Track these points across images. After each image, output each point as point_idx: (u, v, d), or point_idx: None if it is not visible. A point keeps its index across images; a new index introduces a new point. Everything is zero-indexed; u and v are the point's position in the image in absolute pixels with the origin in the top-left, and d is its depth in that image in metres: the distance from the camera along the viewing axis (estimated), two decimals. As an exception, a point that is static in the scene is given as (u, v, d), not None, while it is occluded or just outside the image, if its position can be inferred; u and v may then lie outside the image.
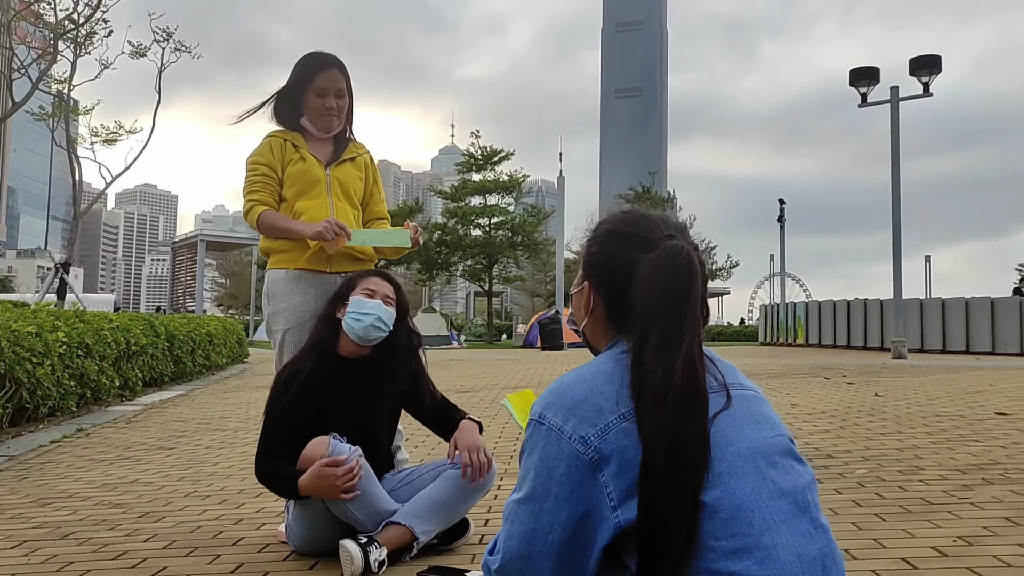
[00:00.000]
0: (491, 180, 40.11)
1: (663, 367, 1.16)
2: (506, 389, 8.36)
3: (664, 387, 1.15)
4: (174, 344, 9.79)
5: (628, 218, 1.36)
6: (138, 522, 3.05)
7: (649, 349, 1.18)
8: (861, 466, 3.71)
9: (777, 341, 27.92)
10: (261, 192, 2.84)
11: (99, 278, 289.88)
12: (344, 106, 2.90)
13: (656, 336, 1.19)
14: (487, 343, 36.66)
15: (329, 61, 2.86)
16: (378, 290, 2.62)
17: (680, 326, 1.20)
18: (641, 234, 1.31)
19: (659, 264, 1.24)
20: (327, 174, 2.87)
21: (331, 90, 2.85)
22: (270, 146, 2.89)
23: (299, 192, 2.84)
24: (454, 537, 2.54)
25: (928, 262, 39.01)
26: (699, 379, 1.17)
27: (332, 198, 2.86)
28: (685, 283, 1.23)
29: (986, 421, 5.10)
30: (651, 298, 1.22)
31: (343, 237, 2.69)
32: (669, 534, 1.09)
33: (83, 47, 18.03)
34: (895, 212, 16.63)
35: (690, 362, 1.17)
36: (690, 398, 1.15)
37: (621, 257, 1.30)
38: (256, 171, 2.86)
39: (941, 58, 16.52)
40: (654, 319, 1.20)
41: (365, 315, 2.56)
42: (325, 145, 2.94)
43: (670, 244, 1.27)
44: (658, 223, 1.33)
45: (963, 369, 10.96)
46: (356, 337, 2.57)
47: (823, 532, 1.18)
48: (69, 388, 6.23)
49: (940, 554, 2.34)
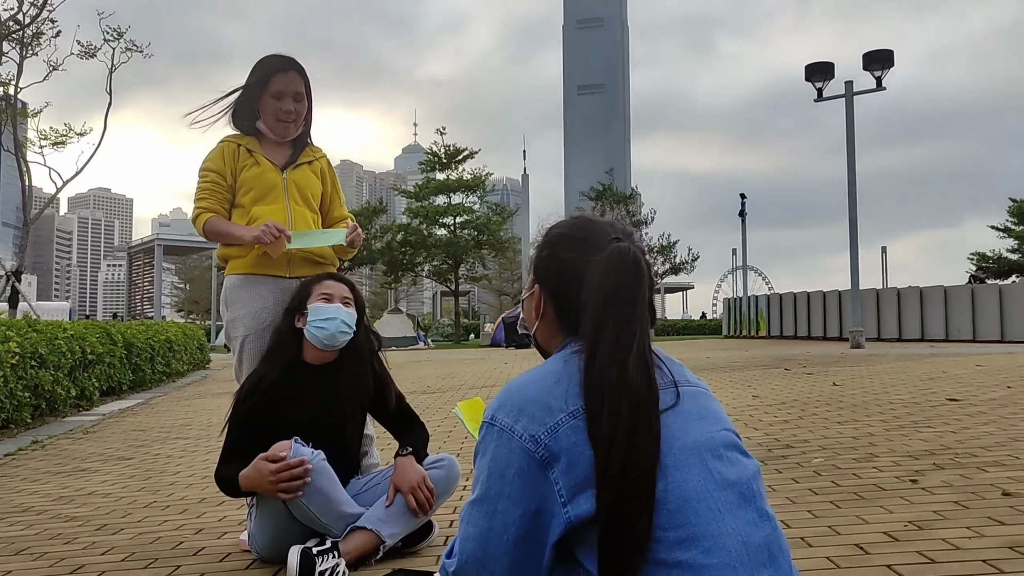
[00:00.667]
0: (455, 179, 40.03)
1: (617, 366, 1.19)
2: (473, 389, 8.36)
3: (619, 385, 1.18)
4: (132, 352, 9.63)
5: (577, 223, 1.39)
6: (95, 535, 3.00)
7: (602, 349, 1.21)
8: (818, 455, 3.78)
9: (740, 334, 28.30)
10: (209, 199, 2.81)
11: (53, 285, 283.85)
12: (302, 111, 2.86)
13: (608, 336, 1.22)
14: (455, 343, 36.60)
15: (287, 63, 2.82)
16: (335, 293, 2.61)
17: (630, 325, 1.23)
18: (590, 238, 1.34)
19: (608, 266, 1.27)
20: (283, 178, 2.84)
21: (288, 93, 2.81)
22: (222, 152, 2.85)
23: (256, 198, 2.80)
24: (418, 539, 2.54)
25: (884, 253, 39.81)
26: (651, 376, 1.21)
27: (290, 202, 2.83)
28: (633, 284, 1.26)
29: (938, 407, 5.23)
30: (601, 299, 1.25)
31: (283, 240, 2.66)
32: (628, 526, 1.12)
33: (29, 48, 17.63)
34: (851, 204, 16.94)
35: (642, 360, 1.21)
36: (643, 395, 1.18)
37: (570, 261, 1.33)
38: (206, 178, 2.83)
39: (893, 53, 16.87)
40: (605, 319, 1.23)
41: (328, 320, 2.54)
42: (281, 148, 2.90)
43: (618, 246, 1.29)
44: (606, 227, 1.36)
45: (918, 357, 11.21)
46: (322, 344, 2.55)
47: (768, 520, 1.21)
48: (23, 399, 6.10)
49: (892, 539, 2.40)
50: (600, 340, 1.22)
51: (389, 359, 2.81)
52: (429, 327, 42.32)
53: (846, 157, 17.00)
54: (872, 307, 20.79)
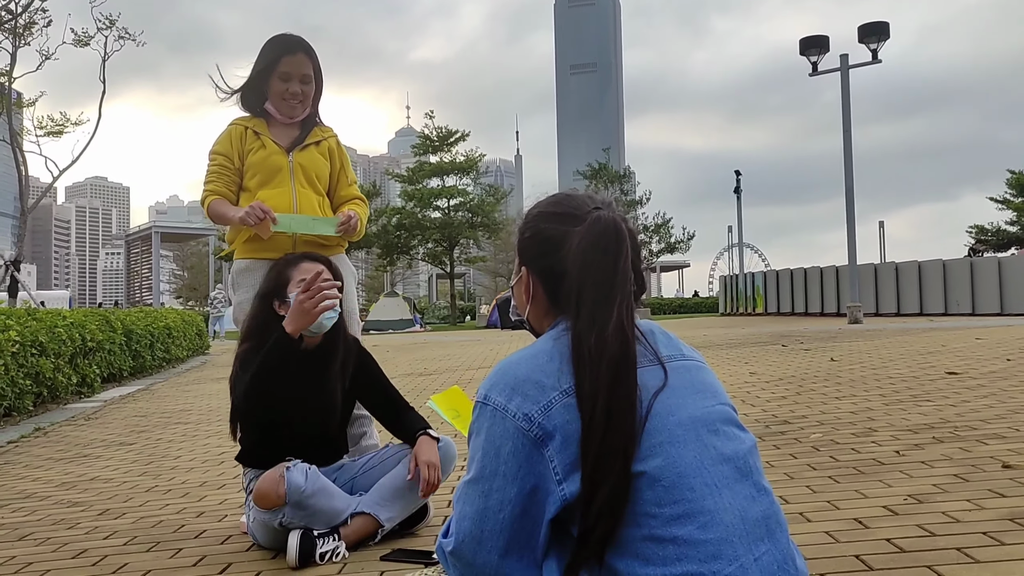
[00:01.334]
0: (448, 161, 39.90)
1: (596, 333, 1.19)
2: (469, 370, 8.37)
3: (598, 352, 1.18)
4: (132, 339, 9.63)
5: (555, 199, 1.39)
6: (98, 519, 3.01)
7: (583, 316, 1.21)
8: (816, 430, 3.79)
9: (737, 311, 28.31)
10: (216, 183, 2.82)
11: (52, 274, 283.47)
12: (309, 92, 2.85)
13: (588, 303, 1.22)
14: (451, 325, 36.63)
15: (295, 45, 2.81)
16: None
17: (610, 292, 1.23)
18: (569, 211, 1.33)
19: (587, 234, 1.27)
20: (289, 160, 2.83)
21: (295, 75, 2.80)
22: (230, 136, 2.86)
23: (262, 181, 2.80)
24: (415, 521, 2.54)
25: (882, 227, 39.79)
26: (628, 344, 1.20)
27: (295, 185, 2.82)
28: (613, 250, 1.26)
29: (937, 381, 5.24)
30: (580, 267, 1.25)
31: (267, 222, 2.63)
32: (604, 498, 1.12)
33: (22, 37, 17.49)
34: (847, 179, 16.91)
35: (619, 328, 1.20)
36: (621, 363, 1.18)
37: (552, 235, 1.32)
38: (214, 161, 2.84)
39: (889, 25, 16.77)
40: (585, 287, 1.23)
41: None
42: (289, 130, 2.89)
43: (596, 214, 1.29)
44: (585, 199, 1.35)
45: (916, 331, 11.23)
46: (309, 333, 2.48)
47: (766, 495, 1.21)
48: (24, 387, 6.11)
49: (891, 513, 2.41)
50: (581, 309, 1.22)
51: (386, 343, 2.78)
52: (425, 310, 42.33)
53: (842, 132, 16.95)
54: (870, 282, 20.80)
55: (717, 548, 1.12)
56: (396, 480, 2.47)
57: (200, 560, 2.42)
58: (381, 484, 2.47)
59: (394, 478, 2.47)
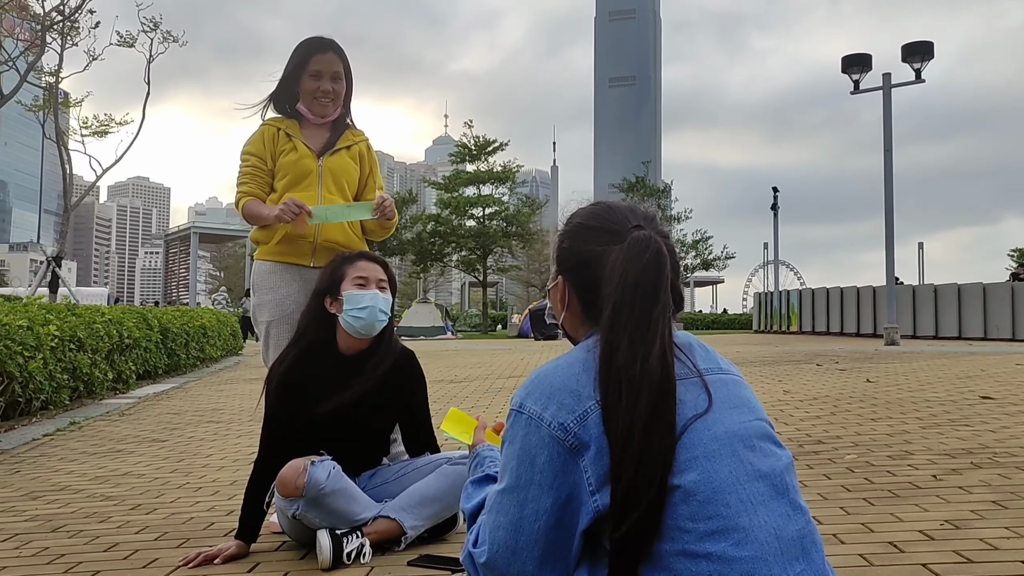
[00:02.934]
0: (485, 170, 40.04)
1: (639, 359, 1.17)
2: (500, 379, 8.37)
3: (640, 378, 1.16)
4: (168, 337, 9.77)
5: (596, 211, 1.37)
6: (130, 514, 3.05)
7: (621, 342, 1.19)
8: (851, 451, 3.73)
9: (771, 328, 27.99)
10: (249, 184, 2.84)
11: (92, 271, 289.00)
12: (340, 90, 2.87)
13: (628, 328, 1.20)
14: (482, 333, 36.67)
15: (325, 44, 2.84)
16: (370, 276, 2.52)
17: (649, 317, 1.20)
18: (609, 227, 1.31)
19: (627, 255, 1.24)
20: (319, 164, 2.85)
21: (326, 73, 2.83)
22: (262, 136, 2.88)
23: (290, 183, 2.82)
24: (444, 529, 2.52)
25: (921, 249, 39.14)
26: (669, 369, 1.19)
27: (323, 190, 2.83)
28: (653, 273, 1.23)
29: (976, 406, 5.13)
30: (619, 289, 1.22)
31: (304, 216, 2.64)
32: (639, 518, 1.11)
33: (70, 38, 17.91)
34: (887, 198, 16.66)
35: (662, 352, 1.19)
36: (662, 388, 1.16)
37: (591, 251, 1.31)
38: (247, 162, 2.86)
39: (933, 44, 16.52)
40: (623, 310, 1.21)
41: (364, 309, 2.46)
42: (320, 132, 2.91)
43: (636, 235, 1.27)
44: (626, 214, 1.33)
45: (955, 355, 11.01)
46: (357, 334, 2.48)
47: (802, 514, 1.19)
48: (62, 381, 6.22)
49: (927, 537, 2.36)
50: (618, 333, 1.20)
51: (417, 349, 2.78)
52: (457, 317, 42.43)
53: (883, 150, 16.71)
54: (908, 304, 20.44)
55: (751, 566, 1.10)
56: (426, 488, 2.44)
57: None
58: (410, 491, 2.45)
59: (424, 485, 2.45)
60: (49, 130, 18.32)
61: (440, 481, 2.46)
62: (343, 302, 2.47)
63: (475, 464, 1.59)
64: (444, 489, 2.45)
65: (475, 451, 1.63)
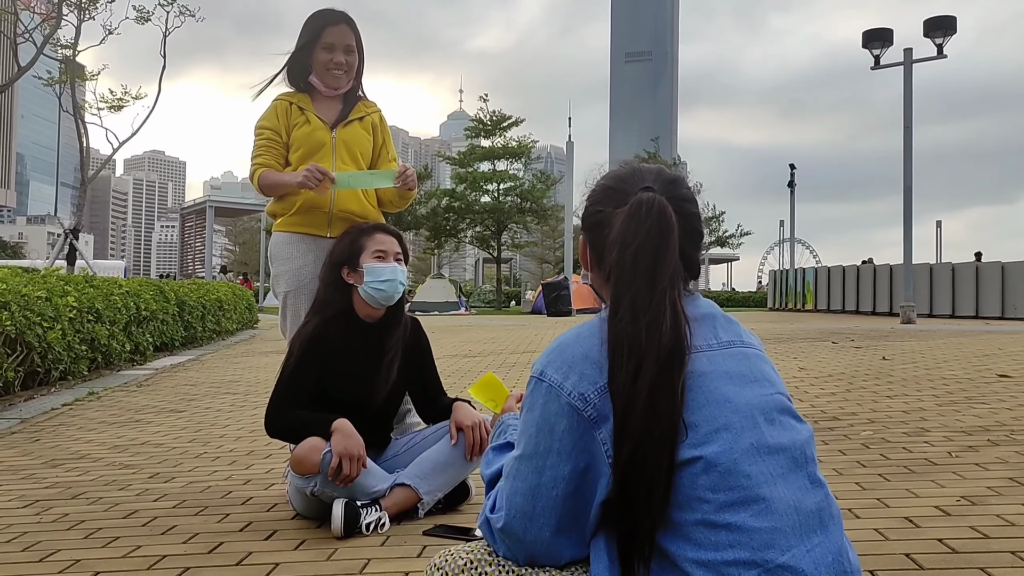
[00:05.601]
0: (500, 146, 39.86)
1: (644, 325, 1.15)
2: (513, 354, 8.38)
3: (643, 346, 1.14)
4: (184, 310, 9.84)
5: (614, 171, 1.34)
6: (148, 482, 3.09)
7: (624, 307, 1.17)
8: (866, 428, 3.71)
9: (786, 307, 27.88)
10: (265, 155, 2.85)
11: (109, 244, 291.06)
12: (353, 62, 2.88)
13: (629, 294, 1.17)
14: (496, 309, 36.73)
15: (337, 16, 2.84)
16: (388, 249, 2.57)
17: (652, 282, 1.17)
18: (620, 186, 1.28)
19: (627, 218, 1.21)
20: (332, 136, 2.85)
21: (339, 45, 2.83)
22: (275, 110, 2.89)
23: (304, 156, 2.82)
24: (457, 500, 2.56)
25: (939, 227, 38.78)
26: (681, 338, 1.16)
27: (337, 161, 2.84)
28: (655, 236, 1.19)
29: (993, 384, 5.09)
30: (618, 252, 1.20)
31: (327, 182, 2.66)
32: (646, 492, 1.10)
33: (87, 12, 17.88)
34: (906, 176, 16.47)
35: (675, 321, 1.16)
36: (670, 359, 1.14)
37: (602, 212, 1.28)
38: (261, 135, 2.88)
39: (956, 19, 16.25)
40: (623, 275, 1.18)
41: (385, 282, 2.51)
42: (332, 105, 2.91)
43: (640, 197, 1.23)
44: (641, 176, 1.29)
45: (972, 333, 10.93)
46: (377, 304, 2.54)
47: (820, 487, 1.18)
48: (80, 352, 6.28)
49: (943, 513, 2.35)
50: (621, 299, 1.18)
51: (431, 324, 2.81)
52: (470, 293, 42.48)
53: (902, 127, 16.49)
54: (925, 282, 20.26)
55: (771, 537, 1.09)
56: (437, 454, 2.49)
57: (247, 526, 2.47)
58: (422, 458, 2.50)
59: (435, 452, 2.50)
60: (66, 103, 18.36)
61: (450, 446, 2.50)
62: (363, 274, 2.52)
63: (499, 432, 1.59)
64: (455, 454, 2.50)
65: (501, 419, 1.63)
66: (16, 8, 17.48)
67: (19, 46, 17.34)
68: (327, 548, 2.22)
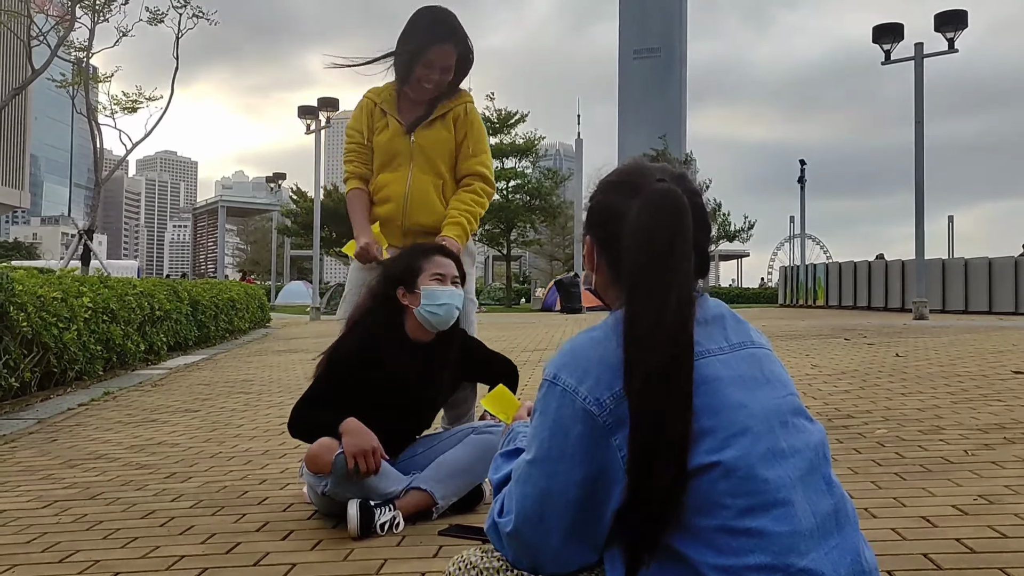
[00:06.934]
0: (507, 143, 39.80)
1: (653, 314, 1.14)
2: (525, 352, 8.38)
3: (656, 334, 1.13)
4: (197, 309, 9.89)
5: (624, 168, 1.33)
6: (165, 482, 3.11)
7: (637, 299, 1.16)
8: (881, 426, 3.70)
9: (797, 303, 27.76)
10: (355, 163, 2.99)
11: (122, 244, 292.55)
12: (446, 80, 2.91)
13: (643, 285, 1.16)
14: (505, 307, 36.71)
15: (446, 35, 2.85)
16: (447, 273, 2.54)
17: (664, 274, 1.16)
18: (633, 180, 1.27)
19: (643, 209, 1.20)
20: (410, 142, 2.91)
21: (438, 65, 2.86)
22: (361, 110, 3.00)
23: (382, 164, 2.95)
24: (471, 502, 2.56)
25: (951, 222, 38.51)
26: (688, 330, 1.15)
27: (413, 169, 2.90)
28: (670, 228, 1.19)
29: (1008, 381, 5.06)
30: (635, 245, 1.19)
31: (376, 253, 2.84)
32: (656, 495, 1.09)
33: (101, 14, 17.95)
34: (918, 171, 16.37)
35: (679, 310, 1.15)
36: (677, 351, 1.13)
37: (613, 206, 1.27)
38: (351, 139, 3.00)
39: (967, 13, 16.13)
40: (639, 267, 1.18)
41: (442, 306, 2.49)
42: (416, 107, 2.96)
43: (655, 187, 1.23)
44: (653, 170, 1.29)
45: (985, 329, 10.86)
46: (432, 328, 2.52)
47: (835, 488, 1.18)
48: (95, 352, 6.32)
49: (960, 512, 2.34)
50: (634, 290, 1.17)
51: None
52: (480, 291, 42.49)
53: (914, 122, 16.39)
54: (937, 278, 20.13)
55: (791, 541, 1.09)
56: (455, 459, 2.49)
57: (263, 526, 2.48)
58: (439, 461, 2.50)
59: (454, 456, 2.49)
60: (80, 105, 18.45)
61: (468, 451, 2.50)
62: (420, 296, 2.49)
63: (509, 439, 1.58)
64: (472, 459, 2.49)
65: (511, 427, 1.63)
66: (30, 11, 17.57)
67: (33, 49, 17.42)
68: (343, 548, 2.23)
